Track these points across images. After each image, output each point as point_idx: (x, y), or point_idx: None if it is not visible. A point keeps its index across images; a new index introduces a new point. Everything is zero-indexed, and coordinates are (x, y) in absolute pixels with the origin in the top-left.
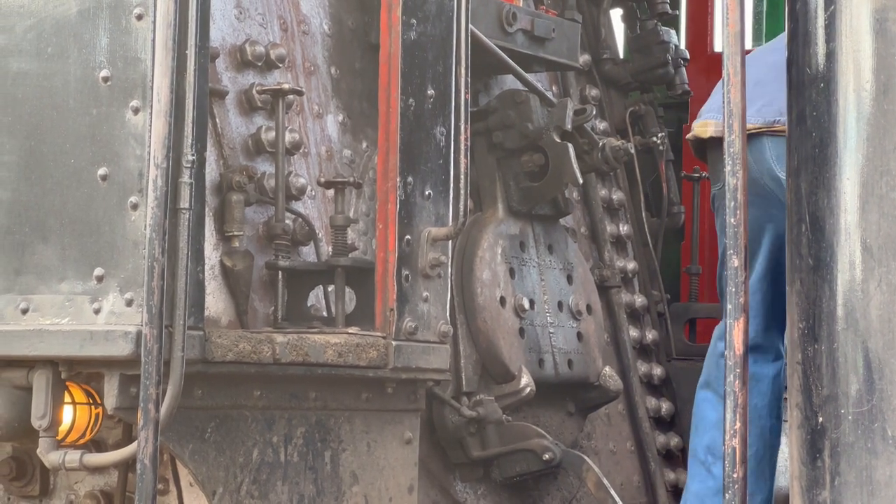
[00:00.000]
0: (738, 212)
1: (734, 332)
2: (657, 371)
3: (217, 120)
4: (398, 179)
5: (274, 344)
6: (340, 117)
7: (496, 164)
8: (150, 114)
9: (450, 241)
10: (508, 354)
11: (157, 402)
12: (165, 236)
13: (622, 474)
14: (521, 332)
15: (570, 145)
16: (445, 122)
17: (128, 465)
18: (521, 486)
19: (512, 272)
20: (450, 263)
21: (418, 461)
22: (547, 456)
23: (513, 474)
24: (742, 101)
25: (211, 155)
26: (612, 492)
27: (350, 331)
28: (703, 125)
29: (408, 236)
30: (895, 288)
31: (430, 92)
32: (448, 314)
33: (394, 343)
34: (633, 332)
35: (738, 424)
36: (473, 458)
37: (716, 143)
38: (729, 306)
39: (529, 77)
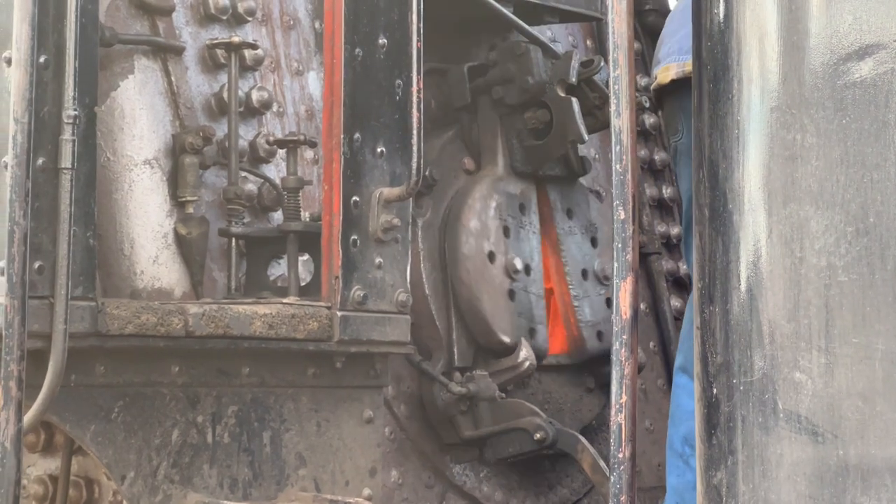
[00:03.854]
0: (623, 157)
1: (621, 294)
2: None
3: (172, 78)
4: (342, 136)
5: (186, 315)
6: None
7: (498, 120)
8: None
9: (409, 203)
10: (493, 314)
11: (20, 380)
12: (28, 197)
13: (659, 454)
14: (511, 294)
15: (574, 100)
16: (402, 73)
17: (72, 449)
18: (536, 468)
19: (507, 231)
20: (409, 227)
21: (410, 441)
22: (538, 435)
23: (506, 455)
24: (629, 32)
25: (166, 115)
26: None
27: (286, 300)
28: (665, 70)
29: (356, 197)
30: (787, 240)
31: (382, 41)
32: (408, 282)
33: (339, 314)
34: (675, 302)
35: (623, 398)
36: (465, 437)
37: (674, 88)
38: (615, 265)
39: (529, 28)
